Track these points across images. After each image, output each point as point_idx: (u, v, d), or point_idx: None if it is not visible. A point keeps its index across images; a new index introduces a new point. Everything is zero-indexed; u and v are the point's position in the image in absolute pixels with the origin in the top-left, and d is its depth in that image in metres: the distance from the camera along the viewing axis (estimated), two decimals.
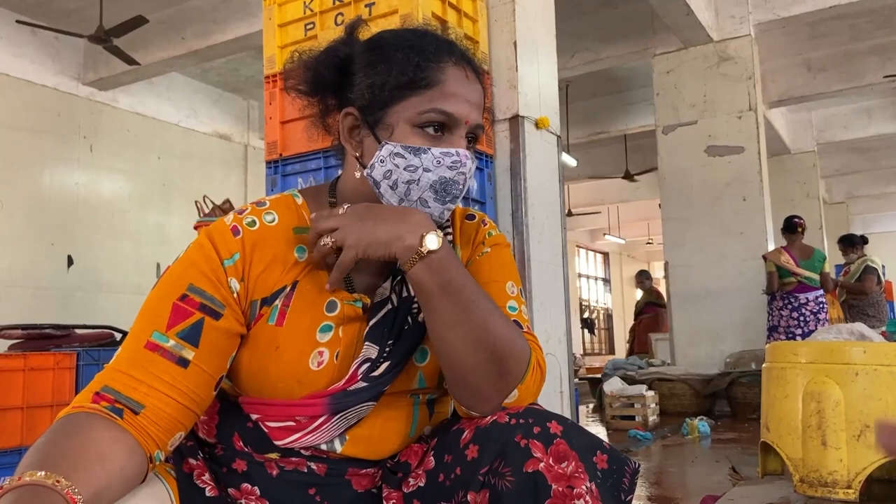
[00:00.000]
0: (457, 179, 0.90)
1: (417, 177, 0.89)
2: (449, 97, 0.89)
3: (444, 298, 0.84)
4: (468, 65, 0.94)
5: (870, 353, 2.26)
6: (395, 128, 0.89)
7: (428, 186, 0.89)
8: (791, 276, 5.48)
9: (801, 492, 2.30)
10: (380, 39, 0.94)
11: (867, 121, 10.07)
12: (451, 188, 0.90)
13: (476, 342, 0.84)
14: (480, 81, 0.96)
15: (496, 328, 0.86)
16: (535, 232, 3.16)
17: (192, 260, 0.88)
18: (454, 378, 0.88)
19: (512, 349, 0.86)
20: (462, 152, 0.90)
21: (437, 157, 0.89)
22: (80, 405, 0.78)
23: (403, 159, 0.88)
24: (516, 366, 0.86)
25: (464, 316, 0.84)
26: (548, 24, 3.55)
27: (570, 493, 0.75)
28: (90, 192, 7.36)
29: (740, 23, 6.57)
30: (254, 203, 0.95)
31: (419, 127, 0.89)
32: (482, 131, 0.95)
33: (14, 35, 6.65)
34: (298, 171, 3.12)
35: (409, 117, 0.89)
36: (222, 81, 8.58)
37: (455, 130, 0.90)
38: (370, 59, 0.92)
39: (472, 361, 0.85)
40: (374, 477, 0.93)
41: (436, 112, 0.89)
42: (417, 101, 0.89)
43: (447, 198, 0.90)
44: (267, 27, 3.27)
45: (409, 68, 0.89)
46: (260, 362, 0.89)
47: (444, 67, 0.90)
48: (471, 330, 0.84)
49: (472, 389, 0.87)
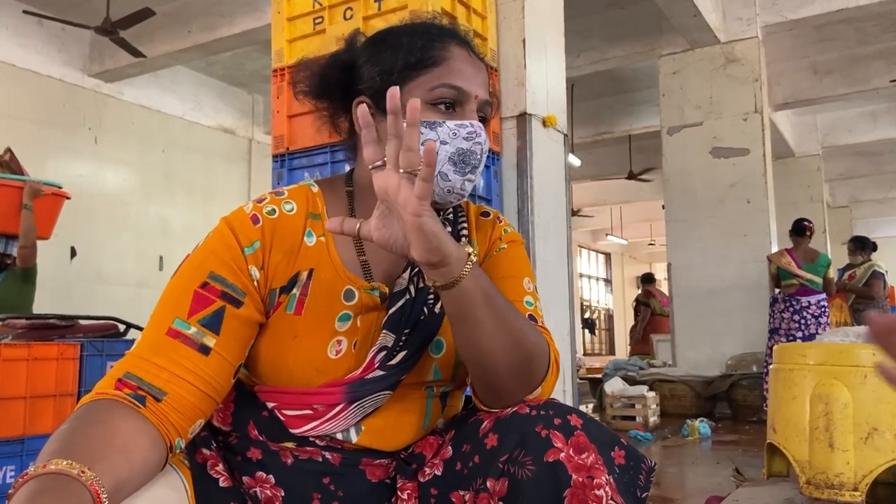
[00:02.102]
0: (474, 150, 0.90)
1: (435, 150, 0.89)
2: (456, 73, 0.92)
3: (487, 308, 0.83)
4: (470, 48, 0.98)
5: (879, 356, 2.25)
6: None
7: (446, 159, 0.89)
8: (793, 279, 5.47)
9: (807, 493, 2.29)
10: (382, 32, 0.98)
11: (872, 125, 10.06)
12: (470, 159, 0.90)
13: (512, 348, 0.85)
14: (485, 65, 0.99)
15: (526, 332, 0.86)
16: (541, 230, 3.16)
17: (212, 248, 0.87)
18: (485, 382, 0.88)
19: (537, 350, 0.87)
20: (476, 123, 0.91)
21: (452, 129, 0.90)
22: (103, 392, 0.78)
23: (420, 135, 0.88)
24: (541, 364, 0.87)
25: (503, 324, 0.84)
26: (556, 22, 3.54)
27: (591, 483, 0.75)
28: (94, 183, 7.36)
29: (747, 25, 6.55)
30: (272, 192, 0.95)
31: (431, 104, 0.91)
32: (490, 111, 0.97)
33: (20, 25, 6.65)
34: (305, 165, 3.11)
35: (421, 95, 0.90)
36: (227, 75, 8.58)
37: (466, 105, 0.92)
38: (376, 49, 0.95)
39: (506, 367, 0.85)
40: (388, 468, 0.93)
41: (446, 87, 0.91)
42: (426, 79, 0.91)
43: (466, 168, 0.90)
44: (275, 21, 3.26)
45: (416, 49, 0.92)
46: (278, 350, 0.89)
47: (448, 46, 0.94)
48: (509, 337, 0.84)
49: (500, 390, 0.87)
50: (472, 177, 0.92)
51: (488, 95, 0.95)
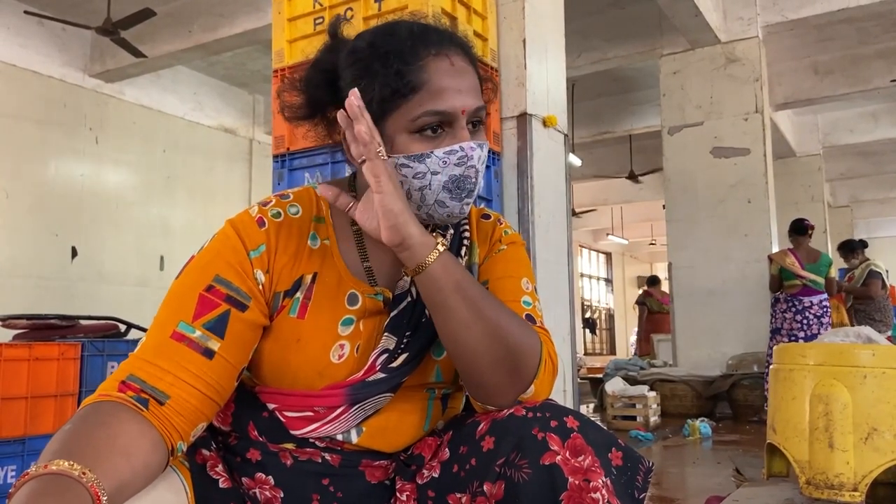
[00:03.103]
0: (467, 174, 0.88)
1: (427, 181, 0.88)
2: (437, 95, 0.86)
3: (459, 295, 0.84)
4: (451, 49, 0.90)
5: (878, 356, 2.26)
6: (395, 139, 0.88)
7: (441, 188, 0.88)
8: (795, 279, 5.46)
9: (807, 494, 2.29)
10: (356, 50, 0.91)
11: (873, 125, 10.05)
12: (465, 184, 0.89)
13: (491, 339, 0.84)
14: (470, 61, 0.92)
15: (508, 324, 0.86)
16: (541, 230, 3.16)
17: (217, 251, 0.87)
18: (471, 377, 0.88)
19: (523, 345, 0.86)
20: (466, 145, 0.88)
21: (441, 158, 0.87)
22: (106, 393, 0.78)
23: (410, 168, 0.87)
24: (530, 360, 0.86)
25: (478, 314, 0.84)
26: (557, 22, 3.54)
27: (587, 486, 0.75)
28: (95, 183, 7.36)
29: (748, 24, 6.55)
30: (278, 195, 0.95)
31: (416, 132, 0.87)
32: (485, 111, 0.92)
33: (21, 26, 6.65)
34: (306, 165, 3.11)
35: (403, 126, 0.87)
36: (228, 75, 8.58)
37: (454, 124, 0.88)
38: (353, 74, 0.90)
39: (488, 359, 0.85)
40: (387, 469, 0.93)
41: (428, 115, 0.86)
42: (407, 108, 0.86)
43: (463, 194, 0.89)
44: (276, 21, 3.26)
45: (390, 78, 0.86)
46: (281, 354, 0.89)
47: (424, 65, 0.87)
48: (485, 327, 0.84)
49: (488, 387, 0.87)
50: (469, 200, 0.90)
51: (479, 99, 0.91)
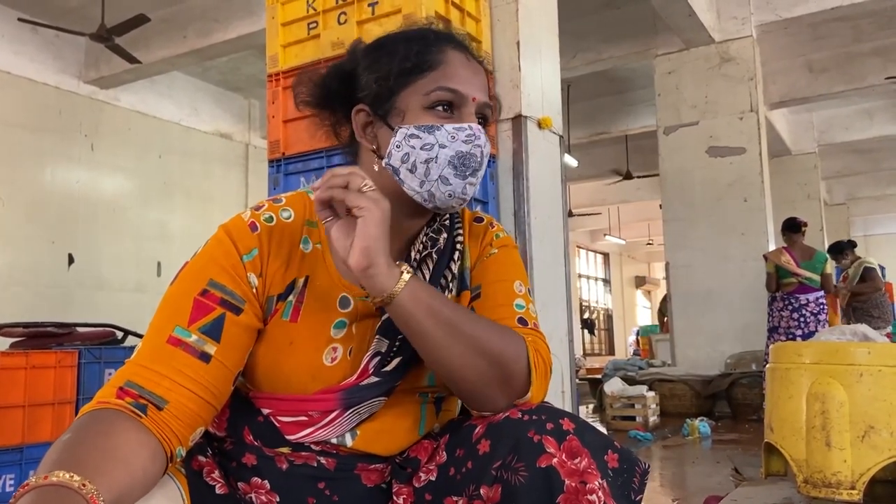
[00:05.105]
0: (473, 152, 0.91)
1: (434, 154, 0.90)
2: (452, 76, 0.92)
3: (432, 320, 0.84)
4: (468, 51, 0.98)
5: (874, 354, 2.26)
6: (407, 112, 0.92)
7: (446, 163, 0.90)
8: (791, 277, 5.46)
9: (805, 492, 2.29)
10: (381, 39, 0.98)
11: (868, 122, 10.07)
12: (470, 161, 0.91)
13: (472, 355, 0.85)
14: (483, 69, 0.99)
15: (488, 337, 0.86)
16: (538, 232, 3.16)
17: (211, 255, 0.88)
18: (461, 392, 0.89)
19: (507, 355, 0.86)
20: (475, 126, 0.92)
21: (450, 132, 0.90)
22: (104, 401, 0.78)
23: (419, 139, 0.90)
24: (516, 367, 0.86)
25: (454, 334, 0.84)
26: (550, 24, 3.55)
27: (584, 488, 0.75)
28: (91, 190, 7.36)
29: (742, 24, 6.57)
30: (270, 199, 0.96)
31: (429, 108, 0.91)
32: (490, 113, 0.97)
33: (15, 33, 6.65)
34: (301, 170, 3.11)
35: (418, 100, 0.91)
36: (223, 80, 8.58)
37: (464, 108, 0.93)
38: (373, 56, 0.96)
39: (473, 374, 0.85)
40: (383, 472, 0.93)
41: (442, 90, 0.91)
42: (423, 84, 0.91)
43: (467, 171, 0.91)
44: (270, 26, 3.27)
45: (411, 54, 0.92)
46: (274, 357, 0.89)
47: (444, 50, 0.94)
48: (465, 345, 0.84)
49: (479, 397, 0.88)
50: (473, 180, 0.92)
51: (487, 98, 0.95)
